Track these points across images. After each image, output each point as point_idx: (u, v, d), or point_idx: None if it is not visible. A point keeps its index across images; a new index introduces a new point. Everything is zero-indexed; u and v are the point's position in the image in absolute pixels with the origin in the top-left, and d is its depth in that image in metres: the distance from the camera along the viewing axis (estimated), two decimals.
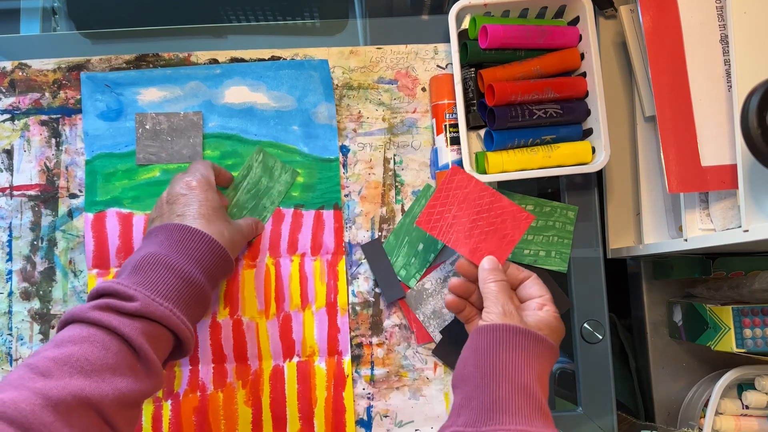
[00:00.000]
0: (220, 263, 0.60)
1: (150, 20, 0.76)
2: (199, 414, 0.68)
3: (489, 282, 0.60)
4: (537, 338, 0.55)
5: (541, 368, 0.55)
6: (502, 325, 0.55)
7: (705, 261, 0.76)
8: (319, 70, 0.74)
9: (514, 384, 0.52)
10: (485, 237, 0.63)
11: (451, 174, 0.63)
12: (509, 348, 0.54)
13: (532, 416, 0.51)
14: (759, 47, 0.59)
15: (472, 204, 0.63)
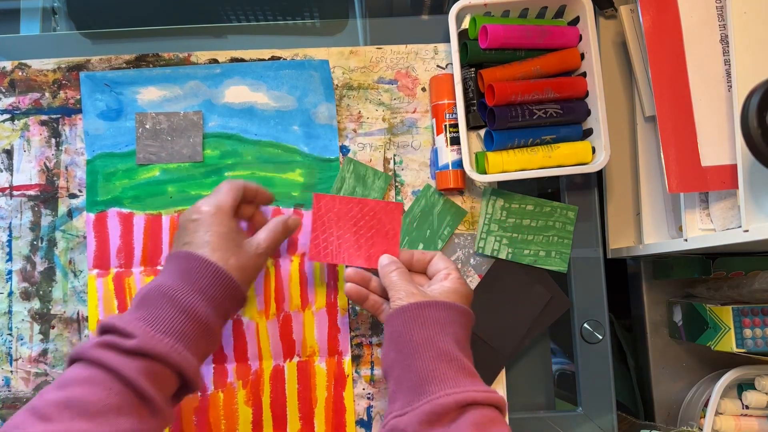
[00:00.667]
0: (227, 293, 0.56)
1: (150, 20, 0.76)
2: (199, 414, 0.68)
3: (389, 274, 0.62)
4: (445, 305, 0.57)
5: (457, 333, 0.57)
6: (409, 304, 0.57)
7: (705, 261, 0.76)
8: (319, 70, 0.74)
9: (434, 354, 0.54)
10: (372, 241, 0.66)
11: (315, 202, 0.66)
12: (421, 323, 0.56)
13: (457, 378, 0.53)
14: (759, 47, 0.59)
15: (347, 219, 0.66)
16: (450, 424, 0.50)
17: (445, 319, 0.56)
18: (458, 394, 0.51)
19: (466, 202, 0.74)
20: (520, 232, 0.73)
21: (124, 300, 0.69)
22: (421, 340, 0.55)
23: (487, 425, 0.51)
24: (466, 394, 0.51)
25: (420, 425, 0.50)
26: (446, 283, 0.60)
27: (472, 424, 0.50)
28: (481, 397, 0.52)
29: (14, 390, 0.69)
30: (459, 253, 0.73)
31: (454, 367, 0.54)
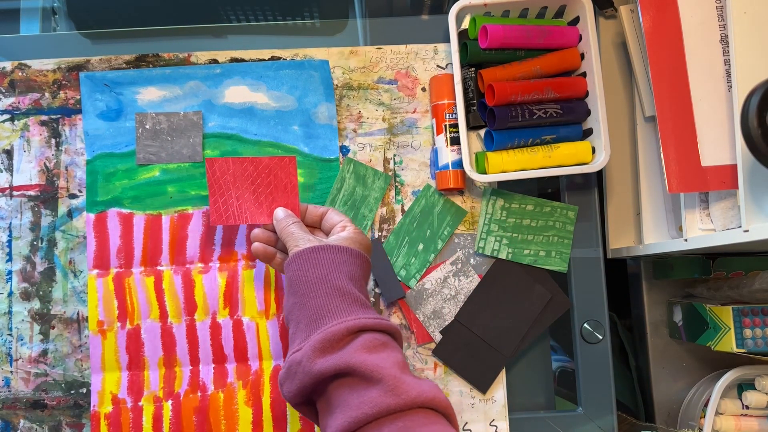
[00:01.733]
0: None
1: (150, 20, 0.76)
2: (199, 414, 0.68)
3: (286, 227, 0.62)
4: (340, 248, 0.58)
5: (352, 272, 0.58)
6: (304, 249, 0.58)
7: (705, 261, 0.76)
8: (319, 70, 0.74)
9: (328, 290, 0.55)
10: (272, 197, 0.66)
11: (209, 167, 0.65)
12: (316, 264, 0.57)
13: (350, 309, 0.54)
14: (759, 47, 0.59)
15: (243, 179, 0.65)
16: (342, 349, 0.51)
17: (340, 259, 0.57)
18: (349, 322, 0.52)
19: (466, 202, 0.74)
20: (520, 232, 0.73)
21: (123, 300, 0.69)
22: (315, 279, 0.56)
23: (378, 347, 0.52)
24: (357, 321, 0.53)
25: (313, 353, 0.51)
26: (343, 234, 0.61)
27: (362, 347, 0.51)
28: (372, 323, 0.53)
29: (14, 390, 0.69)
30: (459, 253, 0.73)
31: (348, 300, 0.55)
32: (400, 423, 0.47)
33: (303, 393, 0.53)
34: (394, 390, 0.49)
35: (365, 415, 0.48)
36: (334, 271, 0.56)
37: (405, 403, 0.48)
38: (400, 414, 0.48)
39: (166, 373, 0.69)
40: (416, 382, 0.50)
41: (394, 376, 0.49)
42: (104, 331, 0.69)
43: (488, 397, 0.71)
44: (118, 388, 0.68)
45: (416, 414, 0.48)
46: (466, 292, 0.72)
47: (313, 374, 0.51)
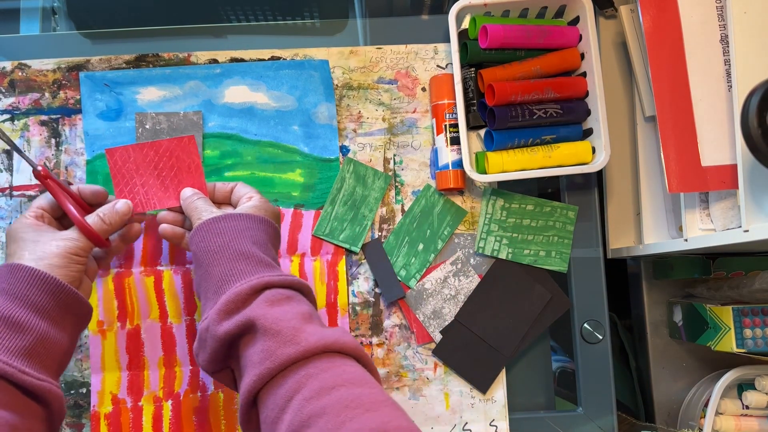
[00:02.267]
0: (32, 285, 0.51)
1: (150, 20, 0.76)
2: (199, 414, 0.68)
3: (192, 202, 0.61)
4: (242, 216, 0.57)
5: (255, 236, 0.57)
6: (206, 220, 0.57)
7: (705, 261, 0.76)
8: (319, 70, 0.74)
9: (231, 256, 0.54)
10: (177, 180, 0.64)
11: (109, 157, 0.63)
12: (218, 232, 0.56)
13: (254, 270, 0.53)
14: (759, 47, 0.59)
15: (146, 164, 0.64)
16: (244, 309, 0.51)
17: (242, 226, 0.57)
18: (252, 281, 0.51)
19: (466, 202, 0.74)
20: (520, 232, 0.73)
21: (124, 300, 0.69)
22: (216, 247, 0.55)
23: (281, 301, 0.51)
24: (260, 279, 0.52)
25: (219, 316, 0.50)
26: (248, 203, 0.60)
27: (264, 302, 0.50)
28: (277, 279, 0.52)
29: None
30: (459, 253, 0.73)
31: (252, 262, 0.54)
32: (302, 372, 0.46)
33: (216, 359, 0.52)
34: (293, 339, 0.48)
35: (269, 370, 0.47)
36: (237, 237, 0.55)
37: (306, 350, 0.47)
38: (303, 362, 0.47)
39: (166, 373, 0.69)
40: (319, 329, 0.49)
41: (293, 327, 0.48)
42: (104, 331, 0.69)
43: (488, 397, 0.71)
44: (118, 388, 0.68)
45: (320, 360, 0.47)
46: (466, 292, 0.72)
47: (220, 337, 0.50)
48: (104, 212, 0.59)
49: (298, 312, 0.50)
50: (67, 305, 0.53)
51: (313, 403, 0.44)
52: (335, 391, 0.44)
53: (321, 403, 0.44)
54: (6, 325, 0.48)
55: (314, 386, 0.45)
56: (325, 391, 0.44)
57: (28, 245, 0.54)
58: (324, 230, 0.72)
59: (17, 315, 0.49)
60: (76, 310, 0.54)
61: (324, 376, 0.46)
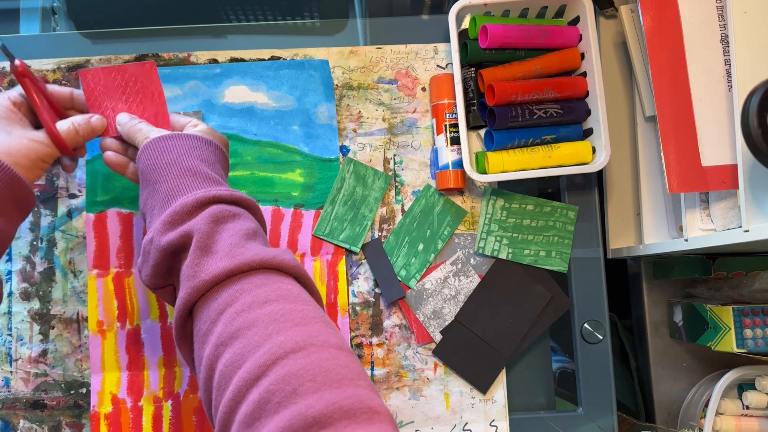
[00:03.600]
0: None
1: (150, 20, 0.76)
2: (199, 414, 0.68)
3: (132, 126, 0.60)
4: (191, 136, 0.56)
5: (203, 156, 0.56)
6: (154, 138, 0.56)
7: (705, 261, 0.76)
8: (319, 70, 0.73)
9: (178, 173, 0.53)
10: (142, 106, 0.64)
11: (83, 79, 0.62)
12: (166, 150, 0.55)
13: (202, 185, 0.52)
14: (759, 47, 0.59)
15: (114, 89, 0.63)
16: (188, 221, 0.50)
17: (191, 145, 0.56)
18: (199, 194, 0.51)
19: (466, 202, 0.74)
20: (521, 232, 0.73)
21: (123, 300, 0.69)
22: (165, 164, 0.54)
23: (226, 218, 0.50)
24: (207, 192, 0.51)
25: (162, 228, 0.50)
26: (195, 128, 0.60)
27: (209, 217, 0.50)
28: (224, 194, 0.52)
29: (14, 390, 0.69)
30: (459, 253, 0.73)
31: (200, 178, 0.53)
32: (237, 286, 0.46)
33: (158, 273, 0.51)
34: (230, 254, 0.47)
35: (203, 282, 0.46)
36: (185, 154, 0.55)
37: (242, 264, 0.46)
38: (236, 277, 0.47)
39: (165, 373, 0.69)
40: (259, 246, 0.49)
41: (232, 243, 0.48)
42: (104, 331, 0.69)
43: (488, 397, 0.71)
44: (118, 388, 0.68)
45: (256, 275, 0.47)
46: (467, 292, 0.72)
47: (162, 247, 0.49)
48: (79, 123, 0.59)
49: (242, 229, 0.50)
50: (18, 198, 0.54)
51: (243, 316, 0.44)
52: (267, 305, 0.44)
53: (251, 317, 0.44)
54: None
55: (246, 300, 0.45)
56: (257, 306, 0.44)
57: (7, 133, 0.55)
58: (324, 230, 0.72)
59: None
60: (23, 204, 0.55)
61: (257, 291, 0.46)
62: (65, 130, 0.58)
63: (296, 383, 0.38)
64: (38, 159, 0.56)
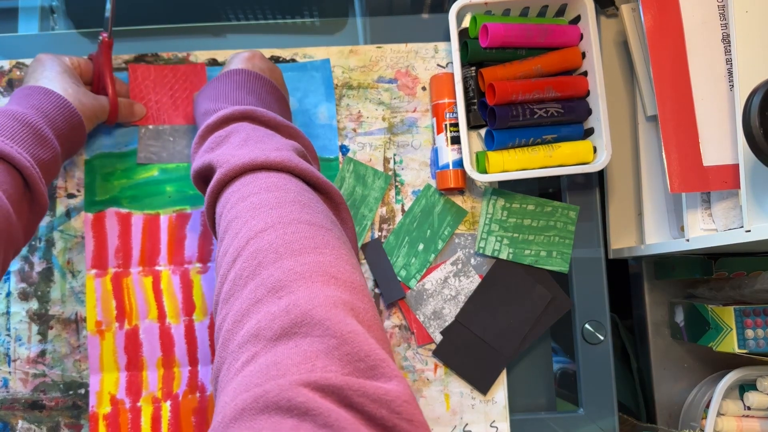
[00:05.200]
0: (60, 111, 0.59)
1: (149, 19, 0.76)
2: (198, 415, 0.68)
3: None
4: (236, 71, 0.64)
5: (251, 87, 0.62)
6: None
7: (707, 261, 0.75)
8: (320, 70, 0.73)
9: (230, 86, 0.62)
10: (186, 102, 0.72)
11: (132, 72, 0.72)
12: (215, 85, 0.64)
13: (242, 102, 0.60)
14: (761, 46, 0.59)
15: (162, 85, 0.72)
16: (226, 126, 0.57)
17: (238, 78, 0.63)
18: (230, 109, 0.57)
19: (466, 201, 0.73)
20: (521, 232, 0.73)
21: (122, 300, 0.69)
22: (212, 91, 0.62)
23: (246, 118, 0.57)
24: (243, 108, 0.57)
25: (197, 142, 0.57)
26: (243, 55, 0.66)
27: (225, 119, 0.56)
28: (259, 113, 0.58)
29: (12, 391, 0.69)
30: (459, 253, 0.72)
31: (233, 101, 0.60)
32: (230, 189, 0.51)
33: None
34: (219, 162, 0.53)
35: (211, 191, 0.53)
36: (233, 89, 0.62)
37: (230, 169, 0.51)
38: (231, 182, 0.52)
39: (164, 373, 0.69)
40: (255, 149, 0.53)
41: (230, 154, 0.53)
42: (102, 332, 0.69)
43: (489, 398, 0.71)
44: (117, 388, 0.68)
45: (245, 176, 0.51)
46: (467, 293, 0.72)
47: (194, 169, 0.56)
48: (125, 104, 0.69)
49: (248, 134, 0.55)
50: (77, 141, 0.63)
51: (230, 212, 0.48)
52: (249, 198, 0.48)
53: (235, 211, 0.48)
54: (36, 137, 0.57)
55: (233, 199, 0.49)
56: (241, 200, 0.49)
57: (69, 83, 0.62)
58: None
59: (45, 132, 0.57)
60: (78, 146, 0.64)
61: (243, 189, 0.49)
62: (124, 102, 0.68)
63: (261, 257, 0.42)
64: (96, 114, 0.65)
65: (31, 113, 0.57)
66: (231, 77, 0.62)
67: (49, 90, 0.60)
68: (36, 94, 0.59)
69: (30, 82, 0.62)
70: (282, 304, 0.38)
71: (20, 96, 0.60)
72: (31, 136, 0.56)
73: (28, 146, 0.55)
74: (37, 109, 0.58)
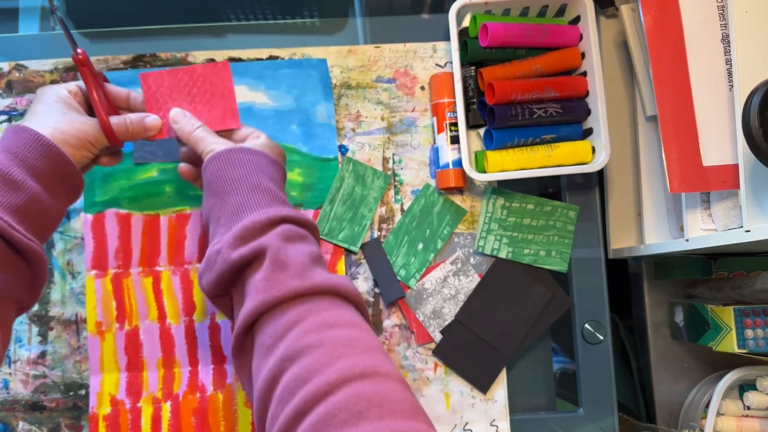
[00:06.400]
0: (35, 149, 0.53)
1: (149, 19, 0.76)
2: (198, 415, 0.68)
3: (192, 132, 0.60)
4: (259, 152, 0.58)
5: (272, 174, 0.58)
6: (223, 150, 0.57)
7: (706, 261, 0.75)
8: (317, 69, 0.73)
9: (249, 187, 0.55)
10: (210, 105, 0.64)
11: (143, 82, 0.63)
12: (236, 164, 0.56)
13: (271, 203, 0.54)
14: (760, 46, 0.59)
15: (179, 90, 0.64)
16: (261, 237, 0.51)
17: (260, 162, 0.57)
18: (270, 213, 0.53)
19: (465, 201, 0.73)
20: (521, 232, 0.73)
21: (122, 301, 0.69)
22: (235, 177, 0.55)
23: (295, 238, 0.53)
24: (278, 212, 0.53)
25: (234, 242, 0.51)
26: (258, 140, 0.60)
27: (280, 235, 0.51)
28: (293, 215, 0.54)
29: (13, 392, 0.69)
30: (459, 252, 0.72)
31: (269, 196, 0.55)
32: (306, 306, 0.48)
33: (220, 283, 0.53)
34: (301, 275, 0.49)
35: (273, 298, 0.48)
36: (255, 171, 0.56)
37: (311, 286, 0.49)
38: (306, 297, 0.49)
39: (164, 374, 0.69)
40: (325, 272, 0.51)
41: (303, 263, 0.50)
42: (103, 333, 0.69)
43: (489, 397, 0.71)
44: (117, 389, 0.68)
45: (323, 299, 0.49)
46: (466, 292, 0.72)
47: (231, 261, 0.51)
48: (132, 120, 0.60)
49: (309, 252, 0.52)
50: (63, 176, 0.55)
51: (311, 335, 0.46)
52: (335, 329, 0.47)
53: (319, 337, 0.46)
54: (1, 181, 0.50)
55: (315, 321, 0.47)
56: (325, 327, 0.46)
57: (53, 114, 0.56)
58: (323, 230, 0.71)
59: (14, 173, 0.51)
60: (70, 182, 0.56)
61: (325, 314, 0.48)
62: (116, 122, 0.59)
63: (363, 406, 0.40)
64: (86, 140, 0.57)
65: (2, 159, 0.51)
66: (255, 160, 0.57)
67: (22, 127, 0.54)
68: (8, 133, 0.54)
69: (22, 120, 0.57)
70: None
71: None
72: (6, 188, 0.50)
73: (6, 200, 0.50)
74: (6, 149, 0.52)
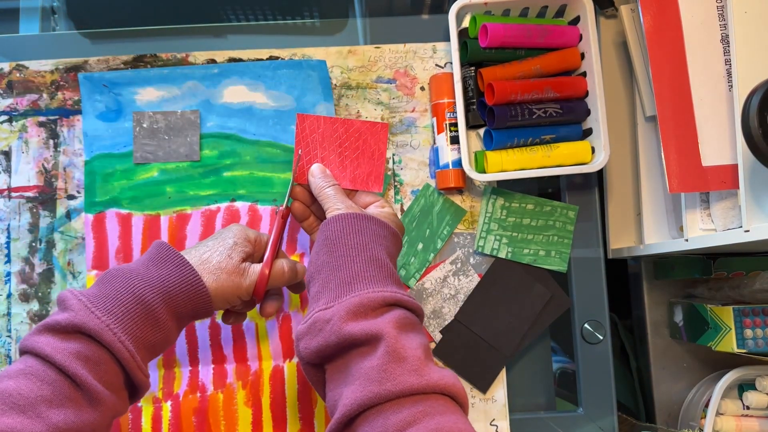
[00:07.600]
0: (187, 292, 0.54)
1: (149, 19, 0.76)
2: (199, 415, 0.68)
3: (325, 188, 0.62)
4: (382, 222, 0.58)
5: (389, 248, 0.58)
6: (348, 213, 0.58)
7: (706, 261, 0.75)
8: (317, 69, 0.73)
9: (366, 258, 0.55)
10: (357, 162, 0.65)
11: (299, 122, 0.65)
12: (358, 231, 0.56)
13: (385, 281, 0.54)
14: (760, 47, 0.59)
15: (331, 139, 0.65)
16: (375, 318, 0.51)
17: (381, 233, 0.57)
18: (386, 293, 0.52)
19: (465, 201, 0.73)
20: (520, 231, 0.73)
21: None
22: (354, 244, 0.55)
23: (408, 326, 0.51)
24: (394, 294, 0.52)
25: (347, 315, 0.50)
26: (383, 210, 0.61)
27: (394, 321, 0.50)
28: (406, 300, 0.53)
29: None
30: (459, 252, 0.73)
31: (384, 272, 0.55)
32: (420, 406, 0.46)
33: (322, 353, 0.51)
34: (419, 371, 0.48)
35: (388, 392, 0.46)
36: (374, 242, 0.56)
37: (428, 385, 0.47)
38: (422, 397, 0.47)
39: (165, 373, 0.69)
40: (438, 368, 0.50)
41: (419, 357, 0.49)
42: None
43: (488, 396, 0.71)
44: None
45: (437, 400, 0.47)
46: (466, 292, 0.72)
47: (342, 335, 0.50)
48: (289, 266, 0.62)
49: (422, 343, 0.51)
50: (197, 315, 0.57)
51: None
52: None
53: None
54: (146, 316, 0.52)
55: (430, 425, 0.45)
56: None
57: (224, 253, 0.58)
58: None
59: (159, 313, 0.53)
60: (199, 317, 0.58)
61: (440, 419, 0.45)
62: (276, 269, 0.61)
63: None
64: (236, 297, 0.58)
65: (149, 292, 0.52)
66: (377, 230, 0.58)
67: (188, 267, 0.55)
68: (172, 257, 0.55)
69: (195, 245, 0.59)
70: None
71: (155, 256, 0.56)
72: (141, 316, 0.52)
73: (132, 326, 0.51)
74: (162, 280, 0.53)
